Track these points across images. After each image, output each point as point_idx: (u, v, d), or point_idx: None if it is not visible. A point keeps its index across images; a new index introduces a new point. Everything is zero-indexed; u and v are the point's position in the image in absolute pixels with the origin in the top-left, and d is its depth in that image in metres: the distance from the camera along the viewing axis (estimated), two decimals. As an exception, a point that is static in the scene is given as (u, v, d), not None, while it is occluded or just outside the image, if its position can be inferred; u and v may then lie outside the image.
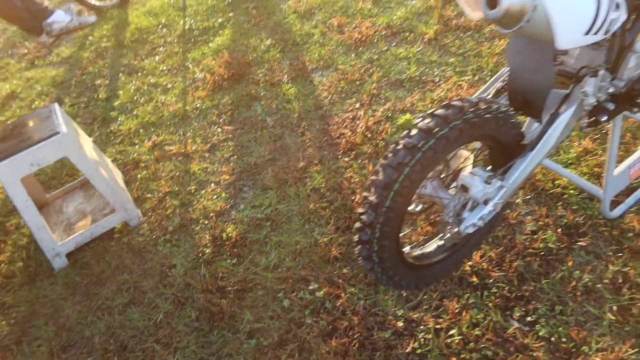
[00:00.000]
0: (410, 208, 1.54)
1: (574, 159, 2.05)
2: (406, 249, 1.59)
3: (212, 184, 2.44)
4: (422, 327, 1.67)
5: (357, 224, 1.36)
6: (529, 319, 1.62)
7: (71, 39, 4.09)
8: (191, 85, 3.16)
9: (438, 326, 1.66)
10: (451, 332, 1.63)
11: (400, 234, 1.44)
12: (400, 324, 1.69)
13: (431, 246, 1.63)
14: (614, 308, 1.59)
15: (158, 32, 3.82)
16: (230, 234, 2.14)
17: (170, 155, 2.65)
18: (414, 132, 1.28)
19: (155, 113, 2.99)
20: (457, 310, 1.67)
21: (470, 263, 1.78)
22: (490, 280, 1.74)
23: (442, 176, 1.52)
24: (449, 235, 1.46)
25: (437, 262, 1.64)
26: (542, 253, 1.78)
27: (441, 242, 1.62)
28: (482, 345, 1.57)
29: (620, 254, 1.71)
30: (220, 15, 3.80)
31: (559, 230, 1.82)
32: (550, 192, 1.95)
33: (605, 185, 1.72)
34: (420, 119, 1.30)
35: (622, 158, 1.83)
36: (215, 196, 2.37)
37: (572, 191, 1.92)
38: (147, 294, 2.02)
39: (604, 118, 1.47)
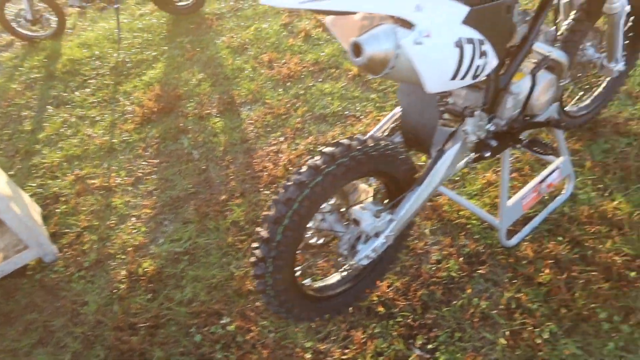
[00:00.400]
0: (312, 241, 1.58)
1: (478, 190, 2.16)
2: (306, 281, 1.62)
3: (133, 218, 2.42)
4: (329, 358, 1.70)
5: (252, 259, 1.39)
6: (430, 346, 1.68)
7: (3, 66, 4.00)
8: (120, 118, 3.15)
9: (344, 357, 1.69)
10: (355, 362, 1.66)
11: (297, 267, 1.48)
12: (308, 355, 1.71)
13: (333, 278, 1.68)
14: (507, 333, 1.67)
15: (91, 64, 3.79)
16: (146, 269, 2.12)
17: (93, 189, 2.62)
18: (303, 169, 1.34)
19: (81, 146, 2.95)
20: (363, 340, 1.72)
21: (378, 293, 1.84)
22: (396, 310, 1.79)
23: (341, 210, 1.58)
24: (347, 266, 1.52)
25: (341, 293, 1.68)
26: (445, 282, 1.86)
27: (344, 273, 1.67)
28: (383, 374, 1.61)
29: (515, 281, 1.82)
30: (155, 49, 3.82)
31: (461, 259, 1.91)
32: (455, 223, 2.05)
33: (500, 215, 1.83)
34: (311, 156, 1.36)
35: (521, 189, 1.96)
36: (135, 230, 2.34)
37: (474, 221, 2.03)
38: (56, 333, 1.96)
39: (488, 154, 1.58)
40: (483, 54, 1.31)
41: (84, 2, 3.87)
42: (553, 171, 1.94)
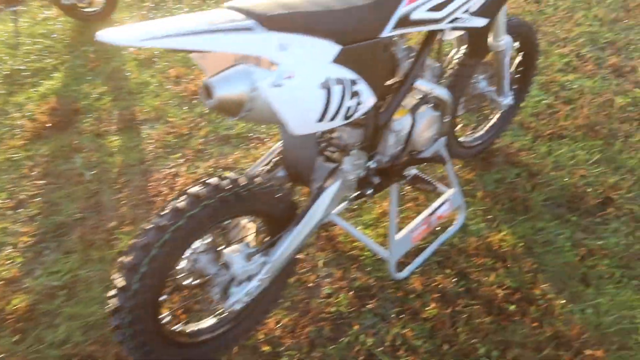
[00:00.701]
0: (186, 282, 1.48)
1: (374, 219, 2.15)
2: (177, 326, 1.52)
3: (9, 247, 2.20)
4: (207, 403, 1.60)
5: (108, 307, 1.27)
6: (314, 387, 1.63)
7: None
8: (8, 133, 2.89)
9: (224, 401, 1.60)
10: (233, 408, 1.58)
11: (164, 314, 1.37)
12: (185, 402, 1.61)
13: (208, 321, 1.58)
14: (390, 372, 1.66)
15: (-19, 70, 3.48)
16: (16, 306, 1.93)
17: (-35, 213, 2.37)
18: (165, 211, 1.24)
19: (-42, 163, 2.68)
20: (245, 383, 1.64)
21: (264, 330, 1.77)
22: (282, 348, 1.73)
23: (217, 249, 1.50)
24: (220, 310, 1.43)
25: (220, 336, 1.59)
26: (334, 317, 1.82)
27: (220, 316, 1.58)
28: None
29: (402, 315, 1.81)
30: (55, 57, 3.57)
31: (352, 293, 1.88)
32: (348, 254, 2.02)
33: (389, 248, 1.82)
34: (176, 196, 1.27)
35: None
36: (9, 261, 2.13)
37: (367, 253, 2.01)
38: None
39: (370, 191, 1.55)
40: (355, 94, 1.28)
41: (-23, 2, 3.55)
42: (443, 203, 1.96)
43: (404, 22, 1.37)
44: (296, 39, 1.14)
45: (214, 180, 1.30)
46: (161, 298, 1.31)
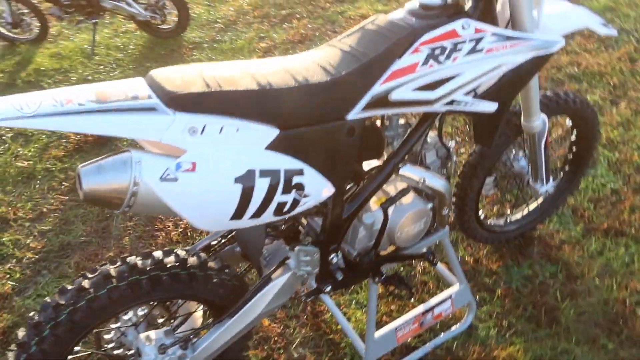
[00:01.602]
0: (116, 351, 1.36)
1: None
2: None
3: (13, 261, 2.25)
4: None
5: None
6: None
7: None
8: (56, 142, 3.01)
9: None
10: None
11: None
12: None
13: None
14: None
15: (55, 77, 3.71)
16: (-3, 325, 1.94)
17: (-11, 218, 2.47)
18: (68, 287, 1.12)
19: (3, 166, 2.83)
20: None
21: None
22: None
23: (160, 320, 1.36)
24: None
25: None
26: (291, 411, 1.61)
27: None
28: None
29: None
30: (121, 70, 3.72)
31: (319, 385, 1.66)
32: (329, 337, 1.79)
33: (366, 347, 1.57)
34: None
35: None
36: (7, 275, 2.17)
37: (349, 340, 1.77)
38: None
39: (328, 288, 1.33)
40: (297, 186, 1.08)
41: (64, 13, 3.80)
42: (444, 300, 1.67)
43: (381, 102, 1.15)
44: (214, 121, 0.97)
45: (132, 259, 1.16)
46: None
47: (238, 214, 1.03)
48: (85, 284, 1.12)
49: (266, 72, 1.08)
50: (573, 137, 1.92)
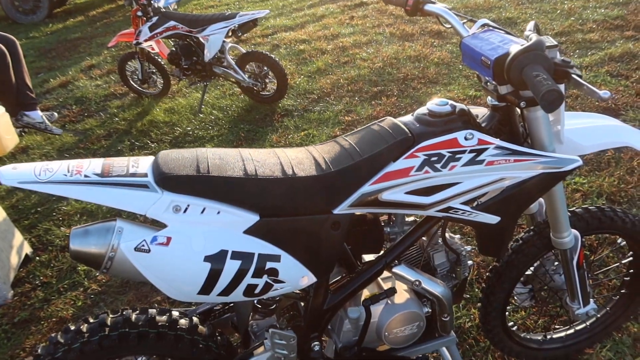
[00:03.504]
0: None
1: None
2: None
3: (81, 289, 2.53)
4: None
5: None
6: None
7: (107, 111, 4.63)
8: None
9: None
10: None
11: None
12: None
13: None
14: None
15: (162, 129, 4.19)
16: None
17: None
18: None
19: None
20: None
21: None
22: None
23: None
24: None
25: None
26: None
27: None
28: None
29: None
30: (217, 130, 4.09)
31: None
32: None
33: None
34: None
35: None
36: (71, 302, 2.44)
37: None
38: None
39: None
40: (268, 272, 1.13)
41: (182, 74, 4.34)
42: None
43: (371, 201, 1.18)
44: (197, 203, 1.08)
45: (129, 312, 1.27)
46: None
47: (205, 290, 1.10)
48: (84, 328, 1.25)
49: (258, 162, 1.17)
50: (629, 258, 1.74)
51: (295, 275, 1.18)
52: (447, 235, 1.48)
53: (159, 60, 4.61)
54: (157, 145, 3.94)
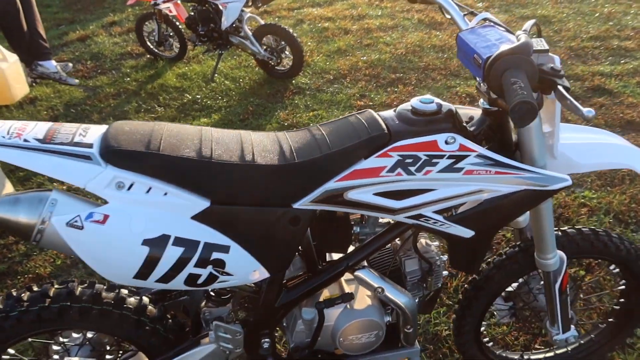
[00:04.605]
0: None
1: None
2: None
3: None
4: None
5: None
6: None
7: (121, 70, 4.59)
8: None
9: None
10: None
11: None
12: None
13: None
14: None
15: (171, 94, 4.12)
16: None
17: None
18: None
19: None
20: None
21: None
22: None
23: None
24: None
25: None
26: None
27: None
28: None
29: None
30: (226, 101, 4.01)
31: None
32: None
33: None
34: None
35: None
36: (51, 260, 2.42)
37: None
38: None
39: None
40: (213, 263, 1.06)
41: (198, 40, 4.25)
42: None
43: (335, 199, 1.09)
44: (143, 181, 1.00)
45: (74, 284, 1.22)
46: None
47: (142, 274, 1.04)
48: (25, 296, 1.20)
49: (218, 144, 1.09)
50: (621, 286, 1.62)
51: (244, 268, 1.10)
52: (423, 242, 1.38)
53: (177, 23, 4.53)
54: (163, 110, 3.88)
